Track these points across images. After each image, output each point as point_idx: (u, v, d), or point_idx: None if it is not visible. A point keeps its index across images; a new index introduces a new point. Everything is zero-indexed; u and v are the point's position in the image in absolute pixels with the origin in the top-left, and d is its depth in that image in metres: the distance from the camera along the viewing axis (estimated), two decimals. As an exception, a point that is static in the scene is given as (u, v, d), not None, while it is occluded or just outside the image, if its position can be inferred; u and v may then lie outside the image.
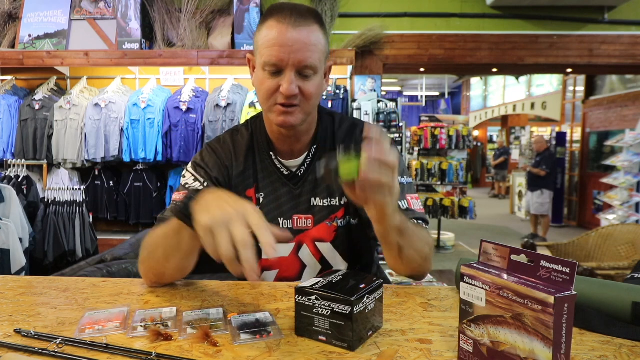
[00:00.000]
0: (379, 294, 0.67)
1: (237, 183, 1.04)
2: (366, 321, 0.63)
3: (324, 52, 0.94)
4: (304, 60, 0.89)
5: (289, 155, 1.04)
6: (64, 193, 3.48)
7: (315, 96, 0.94)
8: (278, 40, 0.88)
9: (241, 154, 1.05)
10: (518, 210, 9.03)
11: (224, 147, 1.06)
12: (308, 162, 1.04)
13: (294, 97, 0.91)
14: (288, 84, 0.89)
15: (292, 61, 0.89)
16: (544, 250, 2.67)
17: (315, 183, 1.02)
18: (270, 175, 1.04)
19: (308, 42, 0.89)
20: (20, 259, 2.68)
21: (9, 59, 3.57)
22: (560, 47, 4.02)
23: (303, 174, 1.03)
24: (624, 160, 5.45)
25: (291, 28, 0.88)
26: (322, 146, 1.05)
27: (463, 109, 14.14)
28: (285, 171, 1.04)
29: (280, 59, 0.89)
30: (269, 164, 1.04)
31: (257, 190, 1.04)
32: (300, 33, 0.88)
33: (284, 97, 0.90)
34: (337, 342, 0.61)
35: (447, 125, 5.32)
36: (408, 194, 1.00)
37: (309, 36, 0.89)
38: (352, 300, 0.60)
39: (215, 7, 3.69)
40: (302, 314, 0.64)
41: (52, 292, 0.83)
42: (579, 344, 0.63)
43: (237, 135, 1.08)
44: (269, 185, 1.04)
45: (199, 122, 3.50)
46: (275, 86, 0.91)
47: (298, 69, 0.90)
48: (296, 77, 0.90)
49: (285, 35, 0.88)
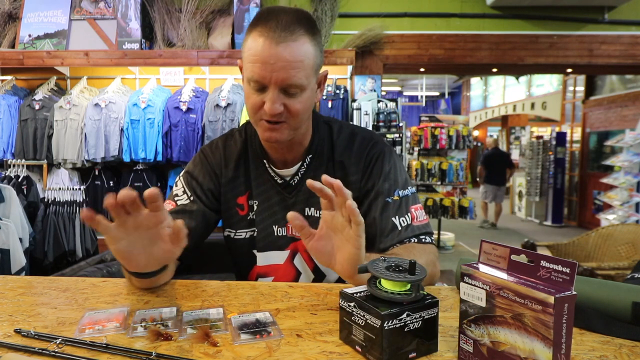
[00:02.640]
0: (430, 313, 0.58)
1: (226, 190, 1.04)
2: (403, 340, 0.56)
3: (313, 66, 0.89)
4: (287, 79, 0.84)
5: (282, 164, 1.02)
6: (64, 193, 3.48)
7: (303, 112, 0.90)
8: (260, 56, 0.84)
9: (232, 161, 1.04)
10: (518, 210, 9.04)
11: (215, 154, 1.06)
12: (302, 171, 1.02)
13: (278, 114, 0.87)
14: (271, 103, 0.85)
15: (274, 79, 0.84)
16: (544, 250, 2.67)
17: (310, 193, 0.99)
18: (265, 182, 1.03)
19: (292, 60, 0.84)
20: (20, 259, 2.68)
21: (9, 59, 3.57)
22: (560, 47, 4.02)
23: (297, 183, 1.02)
24: (624, 160, 5.45)
25: (274, 44, 0.83)
26: (318, 156, 1.02)
27: (463, 109, 14.14)
28: (279, 179, 1.02)
29: (263, 77, 0.85)
30: (262, 171, 1.03)
31: (251, 197, 1.04)
32: (284, 49, 0.83)
33: (267, 115, 0.87)
34: (369, 356, 0.57)
35: (447, 125, 5.32)
36: (412, 206, 0.98)
37: (293, 53, 0.84)
38: (382, 314, 0.55)
39: (215, 7, 3.69)
40: (343, 320, 0.62)
41: (52, 292, 0.83)
42: (579, 344, 0.63)
43: (230, 141, 1.07)
44: (263, 193, 1.02)
45: (199, 122, 3.50)
46: (260, 102, 0.87)
47: (282, 87, 0.86)
48: (281, 94, 0.86)
49: (268, 52, 0.83)
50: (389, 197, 0.97)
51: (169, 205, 1.01)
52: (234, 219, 1.05)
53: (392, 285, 0.59)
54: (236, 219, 1.05)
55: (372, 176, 0.99)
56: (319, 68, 0.93)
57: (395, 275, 0.59)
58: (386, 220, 0.95)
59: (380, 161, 1.00)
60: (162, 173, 3.80)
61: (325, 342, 0.63)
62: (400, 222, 0.95)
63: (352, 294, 0.61)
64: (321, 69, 0.95)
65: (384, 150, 1.02)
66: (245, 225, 1.04)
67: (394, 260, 0.64)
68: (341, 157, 1.02)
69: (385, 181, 0.98)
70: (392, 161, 1.01)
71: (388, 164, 1.00)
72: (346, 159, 1.01)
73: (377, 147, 1.02)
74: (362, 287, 0.63)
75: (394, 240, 0.94)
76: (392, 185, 0.98)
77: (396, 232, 0.94)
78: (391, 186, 0.98)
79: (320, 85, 0.97)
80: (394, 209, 0.96)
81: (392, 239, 0.94)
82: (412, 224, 0.95)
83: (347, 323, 0.61)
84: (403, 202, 0.97)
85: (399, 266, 0.62)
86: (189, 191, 1.02)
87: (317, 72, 0.92)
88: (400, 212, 0.96)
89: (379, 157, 1.01)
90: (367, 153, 1.01)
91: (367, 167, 1.00)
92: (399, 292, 0.58)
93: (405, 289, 0.59)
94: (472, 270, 0.56)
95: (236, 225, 1.05)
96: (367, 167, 1.00)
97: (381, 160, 1.00)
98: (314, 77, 0.91)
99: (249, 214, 1.04)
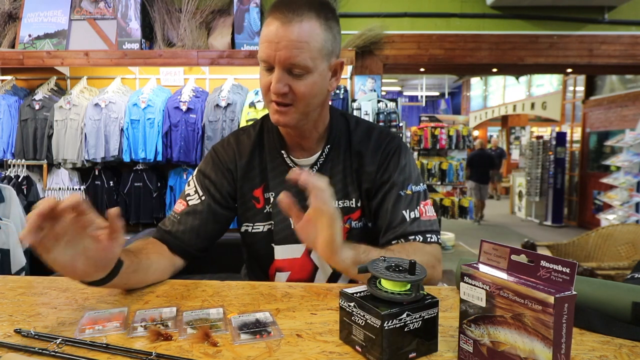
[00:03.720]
0: (430, 313, 0.59)
1: (242, 184, 1.04)
2: (403, 340, 0.57)
3: (321, 50, 0.89)
4: (289, 57, 0.86)
5: (299, 152, 1.03)
6: (64, 193, 3.48)
7: (309, 96, 0.91)
8: (267, 37, 0.87)
9: (245, 154, 1.04)
10: (518, 210, 9.04)
11: (227, 150, 1.06)
12: (321, 161, 1.03)
13: (284, 95, 0.89)
14: (275, 81, 0.88)
15: (278, 58, 0.87)
16: (544, 250, 2.67)
17: (335, 185, 1.00)
18: (282, 173, 1.02)
19: (296, 40, 0.86)
20: (20, 259, 2.68)
21: (9, 59, 3.57)
22: (560, 47, 4.02)
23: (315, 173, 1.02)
24: (624, 160, 5.45)
25: (280, 24, 0.86)
26: (336, 147, 1.04)
27: (463, 109, 14.14)
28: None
29: (268, 56, 0.88)
30: (280, 162, 1.03)
31: (267, 190, 1.03)
32: (289, 30, 0.85)
33: (273, 94, 0.90)
34: (369, 356, 0.57)
35: (447, 125, 5.32)
36: (422, 201, 1.00)
37: (297, 33, 0.86)
38: (382, 314, 0.55)
39: (215, 7, 3.68)
40: (343, 320, 0.62)
41: (52, 292, 0.83)
42: (579, 344, 0.63)
43: (243, 135, 1.07)
44: (281, 184, 1.02)
45: (199, 122, 3.49)
46: (269, 82, 0.90)
47: (285, 67, 0.87)
48: (285, 75, 0.88)
49: (274, 32, 0.86)
50: (402, 190, 0.99)
51: (180, 205, 1.01)
52: (251, 212, 1.05)
53: (392, 285, 0.59)
54: (252, 212, 1.05)
55: (388, 169, 1.01)
56: (331, 54, 0.93)
57: (395, 275, 0.59)
58: (397, 212, 0.97)
59: (397, 155, 1.02)
60: (162, 173, 3.80)
61: (325, 342, 0.63)
62: (410, 215, 0.97)
63: (352, 294, 0.61)
64: (337, 57, 0.95)
65: (400, 145, 1.04)
66: (262, 219, 1.04)
67: (394, 260, 0.64)
68: (358, 148, 1.03)
69: (401, 175, 1.00)
70: (408, 157, 1.04)
71: (404, 159, 1.03)
72: (364, 150, 1.03)
73: (395, 141, 1.05)
74: (362, 287, 0.63)
75: (400, 232, 0.96)
76: (406, 180, 1.00)
77: (404, 224, 0.96)
78: (405, 180, 1.00)
79: (337, 73, 0.98)
80: (406, 203, 0.98)
81: (398, 231, 0.96)
82: (421, 218, 0.97)
83: (347, 323, 0.61)
84: (415, 196, 0.99)
85: (399, 266, 0.62)
86: (201, 191, 1.01)
87: (328, 58, 0.92)
88: (410, 206, 0.98)
89: (396, 151, 1.03)
90: (385, 146, 1.03)
91: (384, 160, 1.02)
92: (399, 292, 0.58)
93: (405, 289, 0.59)
94: (472, 270, 0.56)
95: (253, 219, 1.05)
96: (384, 160, 1.02)
97: (398, 155, 1.02)
98: (323, 61, 0.91)
99: (265, 206, 1.04)
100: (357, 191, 1.02)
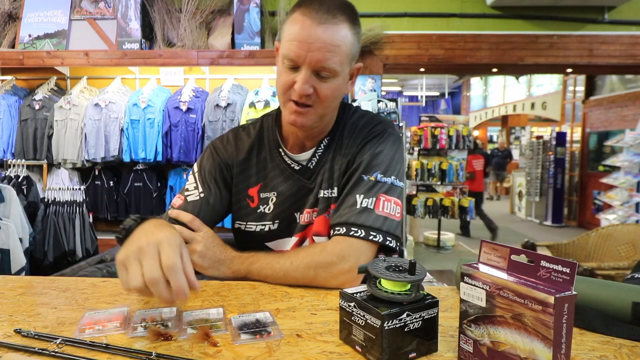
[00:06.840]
0: (430, 313, 0.59)
1: (238, 181, 1.04)
2: (403, 340, 0.56)
3: (349, 54, 0.88)
4: (321, 60, 0.85)
5: (299, 149, 1.02)
6: (64, 193, 3.48)
7: (331, 99, 0.90)
8: (299, 35, 0.84)
9: (243, 152, 1.04)
10: (518, 210, 9.04)
11: (226, 147, 1.06)
12: (320, 152, 1.01)
13: (307, 97, 0.88)
14: (302, 82, 0.86)
15: (309, 59, 0.85)
16: (544, 250, 2.67)
17: (325, 175, 0.99)
18: (282, 172, 1.02)
19: (330, 43, 0.84)
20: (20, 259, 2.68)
21: (9, 59, 3.57)
22: (560, 47, 4.02)
23: (315, 166, 1.01)
24: (623, 160, 5.45)
25: (315, 24, 0.84)
26: (331, 139, 1.02)
27: (463, 109, 14.14)
28: (296, 166, 1.01)
29: (298, 55, 0.85)
30: (279, 162, 1.03)
31: (264, 189, 1.03)
32: (323, 31, 0.84)
33: (297, 94, 0.87)
34: (369, 356, 0.57)
35: (447, 125, 5.32)
36: (383, 194, 0.92)
37: (332, 36, 0.84)
38: (382, 314, 0.55)
39: (215, 7, 3.68)
40: (343, 320, 0.62)
41: (52, 292, 0.83)
42: (579, 344, 0.63)
43: (243, 133, 1.07)
44: (282, 183, 1.01)
45: (199, 122, 3.50)
46: (291, 81, 0.88)
47: (315, 69, 0.86)
48: (312, 76, 0.86)
49: (307, 32, 0.84)
50: (366, 174, 0.94)
51: (179, 199, 1.01)
52: (244, 210, 1.04)
53: (392, 285, 0.59)
54: (245, 211, 1.04)
55: (362, 151, 0.97)
56: (354, 59, 0.92)
57: (395, 275, 0.59)
58: (351, 194, 0.92)
59: (377, 140, 0.98)
60: (162, 173, 3.80)
61: (325, 342, 0.63)
62: (362, 202, 0.90)
63: (352, 294, 0.61)
64: (356, 61, 0.95)
65: (385, 132, 0.99)
66: (255, 219, 1.03)
67: (394, 260, 0.64)
68: (349, 135, 1.01)
69: (372, 159, 0.95)
70: (389, 146, 0.98)
71: (382, 146, 0.97)
72: (352, 135, 1.00)
73: (380, 126, 1.00)
74: (362, 287, 0.63)
75: (343, 220, 0.89)
76: (375, 166, 0.94)
77: (352, 211, 0.89)
78: (375, 166, 0.94)
79: (353, 77, 0.97)
80: (364, 188, 0.92)
81: (342, 217, 0.90)
82: (375, 210, 0.89)
83: (347, 323, 0.61)
84: (377, 186, 0.92)
85: (399, 266, 0.62)
86: (200, 186, 1.01)
87: (351, 62, 0.92)
88: (368, 193, 0.91)
89: (377, 136, 0.98)
90: (369, 130, 1.00)
91: (362, 142, 0.98)
92: (399, 292, 0.58)
93: (405, 289, 0.59)
94: (472, 270, 0.56)
95: (246, 218, 1.04)
96: (362, 142, 0.98)
97: (378, 139, 0.98)
98: (348, 66, 0.91)
99: (259, 206, 1.03)
100: (340, 179, 0.98)
